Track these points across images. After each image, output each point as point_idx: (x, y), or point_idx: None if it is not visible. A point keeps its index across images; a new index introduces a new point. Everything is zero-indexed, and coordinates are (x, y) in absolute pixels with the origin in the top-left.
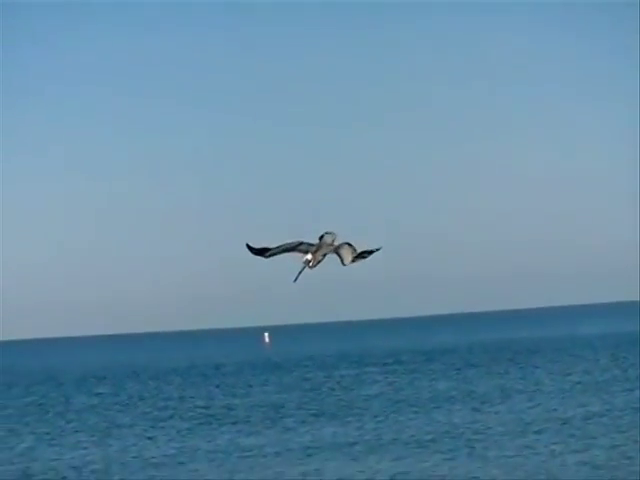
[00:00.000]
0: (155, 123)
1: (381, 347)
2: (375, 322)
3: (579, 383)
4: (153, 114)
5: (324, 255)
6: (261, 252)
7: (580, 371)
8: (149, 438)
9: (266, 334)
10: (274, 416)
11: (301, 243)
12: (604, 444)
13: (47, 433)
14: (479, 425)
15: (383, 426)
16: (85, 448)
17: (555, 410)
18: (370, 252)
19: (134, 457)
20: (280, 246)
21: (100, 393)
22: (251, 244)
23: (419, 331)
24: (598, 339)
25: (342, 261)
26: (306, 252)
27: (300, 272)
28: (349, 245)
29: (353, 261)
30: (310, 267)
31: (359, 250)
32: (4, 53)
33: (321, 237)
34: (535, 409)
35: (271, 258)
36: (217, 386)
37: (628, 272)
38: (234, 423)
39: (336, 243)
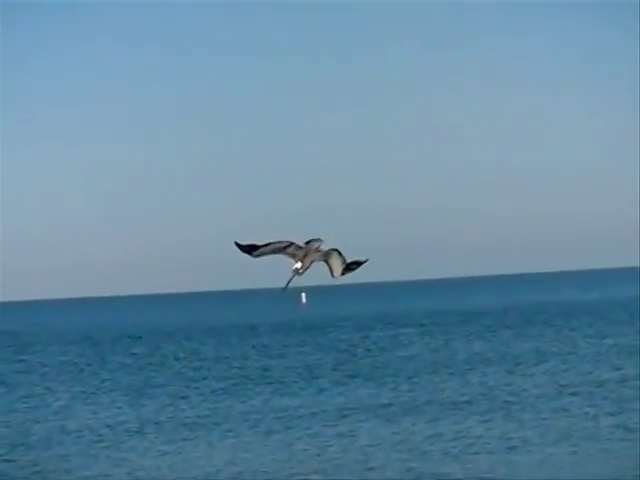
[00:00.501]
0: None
1: (417, 308)
2: (411, 283)
3: (614, 346)
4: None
5: (312, 262)
6: (249, 250)
7: (615, 334)
8: (183, 398)
9: (302, 294)
10: (309, 377)
11: (291, 244)
12: (638, 407)
13: (82, 392)
14: (514, 387)
15: (418, 388)
16: (119, 407)
17: (590, 373)
18: (359, 263)
19: (168, 417)
20: (269, 244)
21: (135, 353)
22: (240, 242)
23: (455, 293)
24: (633, 302)
25: (331, 272)
26: (294, 255)
27: (290, 280)
28: (338, 254)
29: (343, 273)
30: (299, 274)
31: (348, 260)
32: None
33: (308, 242)
34: (570, 372)
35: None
36: (253, 347)
37: None
38: (269, 384)
39: (323, 248)
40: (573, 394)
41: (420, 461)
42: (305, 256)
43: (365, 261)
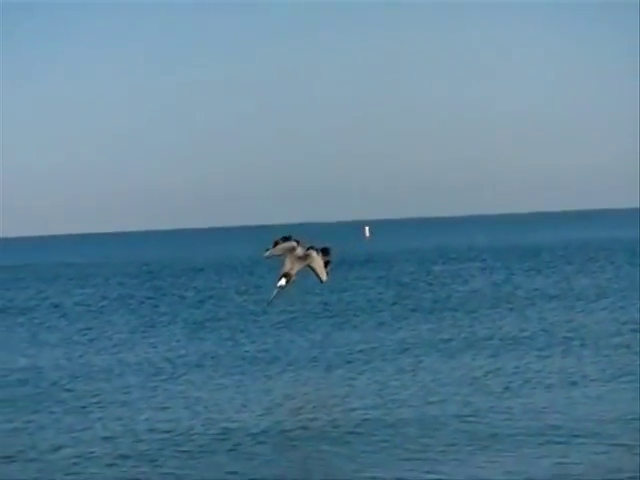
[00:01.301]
0: None
1: (480, 243)
2: (474, 218)
3: None
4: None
5: (297, 272)
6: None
7: None
8: (243, 332)
9: (366, 228)
10: (370, 311)
11: (296, 245)
12: None
13: (142, 325)
14: (574, 323)
15: (478, 323)
16: (179, 341)
17: None
18: (327, 261)
19: (228, 351)
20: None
21: (195, 286)
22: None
23: (517, 228)
24: None
25: (319, 278)
26: (297, 258)
27: (274, 297)
28: (316, 253)
29: (327, 274)
30: (283, 290)
31: (320, 255)
32: None
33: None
34: (630, 308)
35: None
36: (314, 281)
37: None
38: (330, 317)
39: (300, 251)
40: (634, 330)
41: (480, 395)
42: (293, 265)
43: (328, 248)
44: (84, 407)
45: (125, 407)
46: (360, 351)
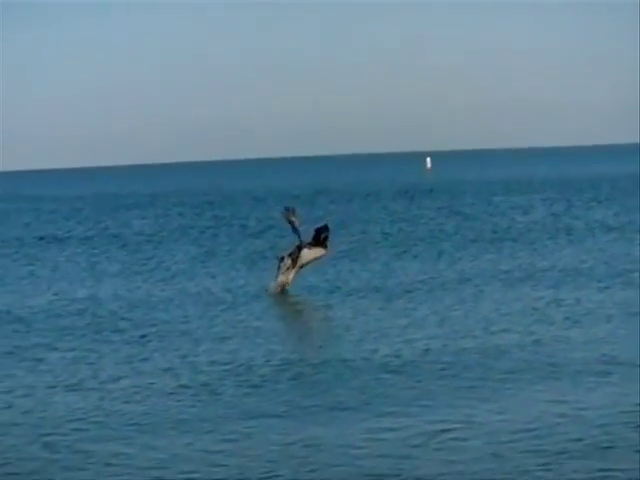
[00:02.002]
0: None
1: (539, 175)
2: (535, 150)
3: None
4: None
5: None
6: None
7: None
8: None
9: (428, 159)
10: (430, 240)
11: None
12: None
13: (201, 255)
14: (634, 256)
15: (538, 254)
16: (238, 271)
17: None
18: (326, 237)
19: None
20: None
21: (257, 216)
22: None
23: (578, 160)
24: None
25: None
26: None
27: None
28: (308, 248)
29: (327, 247)
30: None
31: (313, 243)
32: None
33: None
34: None
35: None
36: (376, 211)
37: None
38: (391, 247)
39: (287, 260)
40: None
41: (540, 326)
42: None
43: (325, 226)
44: (143, 337)
45: (184, 337)
46: (420, 281)
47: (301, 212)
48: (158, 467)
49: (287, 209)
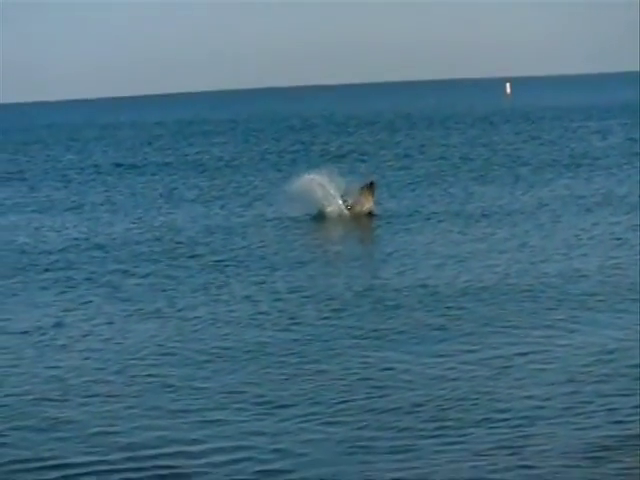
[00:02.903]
0: None
1: (619, 99)
2: (615, 75)
3: None
4: None
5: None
6: None
7: None
8: (384, 186)
9: (507, 85)
10: (509, 165)
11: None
12: None
13: (280, 179)
14: None
15: (615, 179)
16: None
17: None
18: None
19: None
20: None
21: (341, 144)
22: None
23: None
24: None
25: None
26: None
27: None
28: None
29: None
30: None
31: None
32: None
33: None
34: None
35: None
36: (456, 137)
37: None
38: (469, 172)
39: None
40: None
41: (620, 250)
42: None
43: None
44: (220, 262)
45: (262, 262)
46: (498, 206)
47: (383, 137)
48: (231, 392)
49: (371, 183)
